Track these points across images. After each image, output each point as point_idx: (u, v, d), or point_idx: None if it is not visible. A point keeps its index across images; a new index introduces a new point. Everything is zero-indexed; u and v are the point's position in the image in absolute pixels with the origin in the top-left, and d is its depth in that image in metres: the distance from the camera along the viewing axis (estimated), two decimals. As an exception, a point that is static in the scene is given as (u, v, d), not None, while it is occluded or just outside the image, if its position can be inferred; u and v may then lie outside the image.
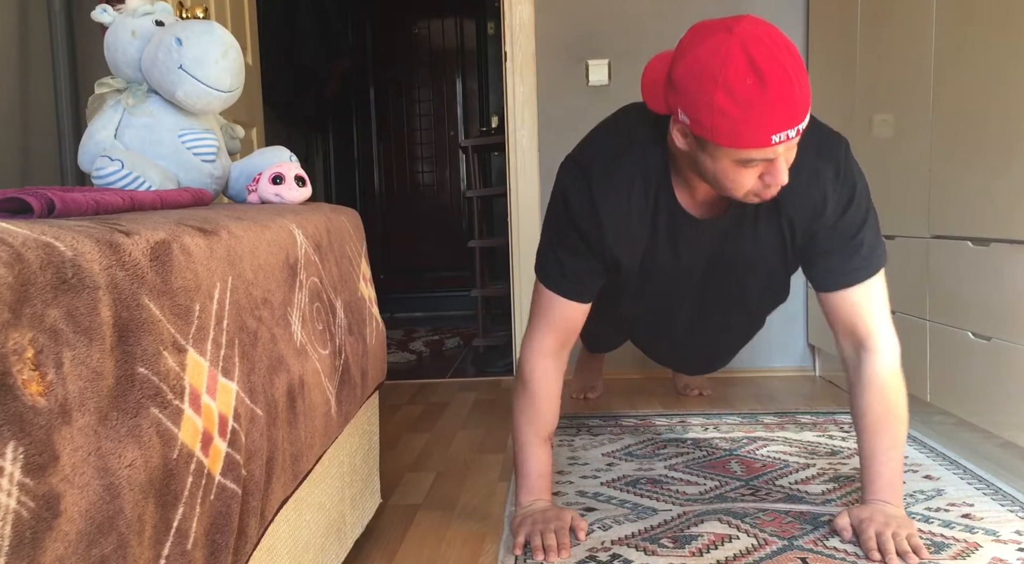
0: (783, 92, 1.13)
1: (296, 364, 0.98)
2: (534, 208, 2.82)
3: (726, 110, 1.15)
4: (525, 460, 1.50)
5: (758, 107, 1.14)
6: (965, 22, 1.78)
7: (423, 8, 5.14)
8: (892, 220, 2.13)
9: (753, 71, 1.13)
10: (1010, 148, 1.62)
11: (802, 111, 1.17)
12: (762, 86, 1.13)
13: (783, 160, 1.22)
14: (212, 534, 0.70)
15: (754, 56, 1.13)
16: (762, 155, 1.20)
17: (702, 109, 1.17)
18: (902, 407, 1.42)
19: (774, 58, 1.13)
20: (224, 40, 1.28)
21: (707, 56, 1.16)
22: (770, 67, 1.13)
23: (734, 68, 1.13)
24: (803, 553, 1.35)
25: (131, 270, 0.63)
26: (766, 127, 1.15)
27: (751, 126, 1.15)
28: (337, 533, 1.28)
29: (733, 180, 1.25)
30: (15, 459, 0.48)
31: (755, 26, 1.17)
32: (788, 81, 1.13)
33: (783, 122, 1.15)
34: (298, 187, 1.37)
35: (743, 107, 1.14)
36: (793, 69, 1.14)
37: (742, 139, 1.17)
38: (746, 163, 1.22)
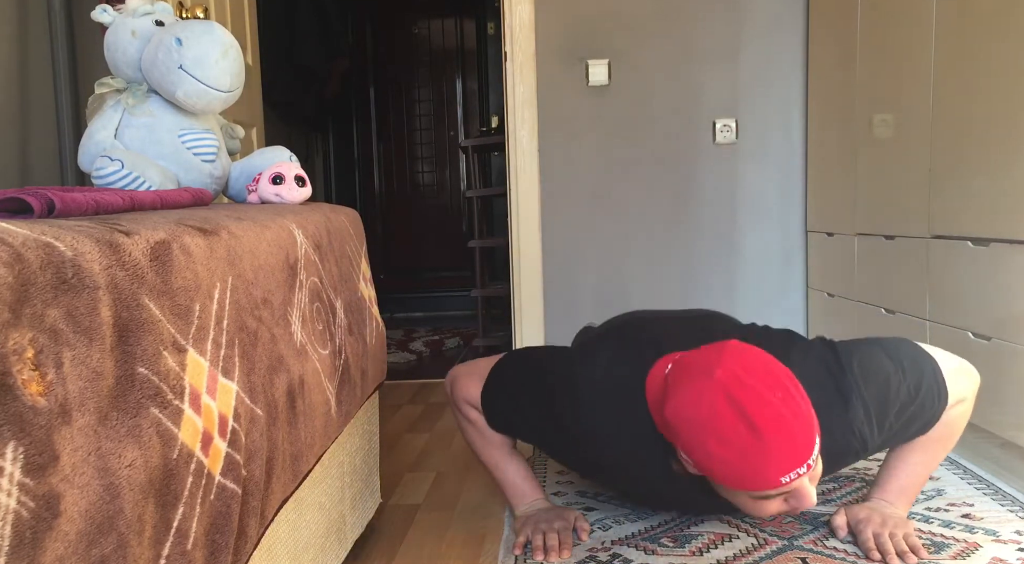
0: (780, 436, 1.06)
1: (296, 364, 0.98)
2: (534, 208, 2.82)
3: (725, 459, 1.08)
4: (504, 474, 1.49)
5: (757, 455, 1.06)
6: (965, 22, 1.78)
7: (423, 8, 5.14)
8: (892, 220, 2.13)
9: (743, 420, 1.06)
10: (1010, 148, 1.62)
11: (807, 447, 1.08)
12: (756, 435, 1.05)
13: (806, 482, 1.13)
14: (212, 534, 0.70)
15: (741, 403, 1.06)
16: (778, 491, 1.12)
17: (700, 457, 1.11)
18: (956, 438, 1.37)
19: (762, 401, 1.06)
20: (224, 40, 1.28)
21: (693, 404, 1.09)
22: (760, 413, 1.06)
23: (722, 419, 1.07)
24: (803, 553, 1.35)
25: (131, 270, 0.63)
26: (772, 471, 1.08)
27: (755, 472, 1.08)
28: (337, 533, 1.28)
29: (756, 510, 1.18)
30: (15, 459, 0.48)
31: (736, 364, 1.09)
32: (783, 422, 1.06)
33: (789, 464, 1.07)
34: (298, 187, 1.37)
35: (742, 456, 1.07)
36: (786, 406, 1.07)
37: (749, 484, 1.10)
38: (764, 498, 1.14)
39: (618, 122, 2.80)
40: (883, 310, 2.18)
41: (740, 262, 2.81)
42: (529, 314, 2.85)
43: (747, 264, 2.81)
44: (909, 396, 1.28)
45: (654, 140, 2.80)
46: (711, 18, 2.75)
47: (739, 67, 2.77)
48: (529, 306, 2.86)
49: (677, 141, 2.80)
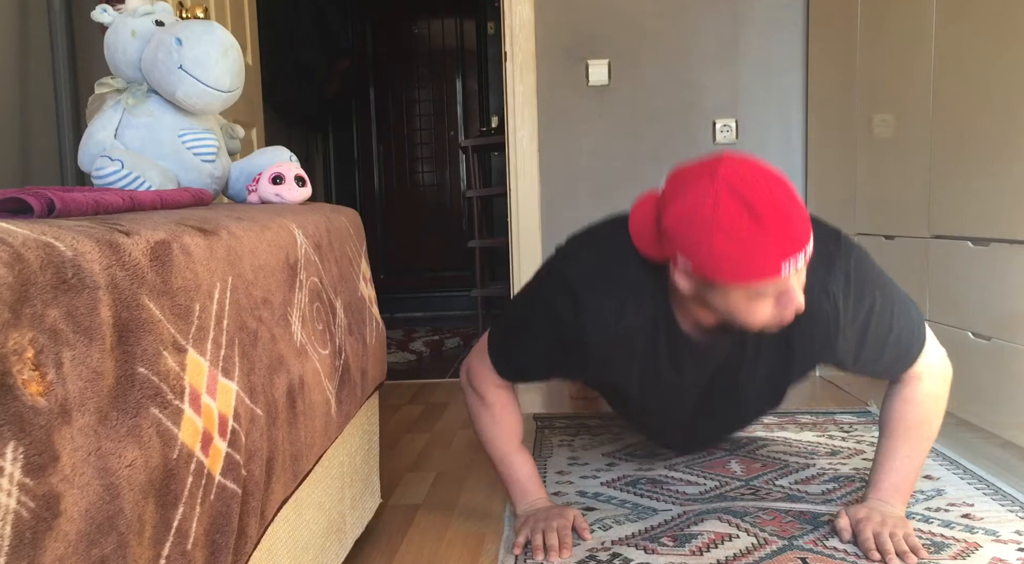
0: (782, 222, 1.13)
1: (296, 364, 0.98)
2: (534, 208, 2.82)
3: (728, 252, 1.14)
4: (509, 468, 1.50)
5: (760, 242, 1.13)
6: (965, 22, 1.78)
7: (423, 8, 5.14)
8: (892, 220, 2.13)
9: (747, 210, 1.12)
10: (1010, 148, 1.62)
11: (804, 235, 1.15)
12: (759, 222, 1.12)
13: (796, 284, 1.20)
14: (212, 534, 0.70)
15: (744, 195, 1.12)
16: (774, 286, 1.18)
17: (702, 255, 1.16)
18: (934, 428, 1.40)
19: (764, 192, 1.13)
20: (224, 40, 1.28)
21: (696, 204, 1.15)
22: (762, 202, 1.12)
23: (726, 211, 1.12)
24: (803, 553, 1.35)
25: (131, 270, 0.63)
26: (773, 258, 1.14)
27: (758, 261, 1.14)
28: (337, 533, 1.28)
29: (748, 314, 1.23)
30: (15, 459, 0.48)
31: (736, 165, 1.16)
32: (784, 211, 1.13)
33: (788, 249, 1.14)
34: (298, 187, 1.37)
35: (746, 246, 1.13)
36: (785, 198, 1.14)
37: (751, 274, 1.15)
38: (759, 296, 1.19)
39: (618, 122, 2.80)
40: (883, 310, 2.18)
41: (740, 262, 2.81)
42: (529, 314, 2.85)
43: (747, 264, 2.80)
44: (889, 312, 1.34)
45: (654, 140, 2.80)
46: (711, 18, 2.75)
47: (739, 67, 2.77)
48: (529, 306, 2.85)
49: (677, 141, 2.80)
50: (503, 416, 1.49)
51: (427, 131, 5.22)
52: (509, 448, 1.49)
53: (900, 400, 1.41)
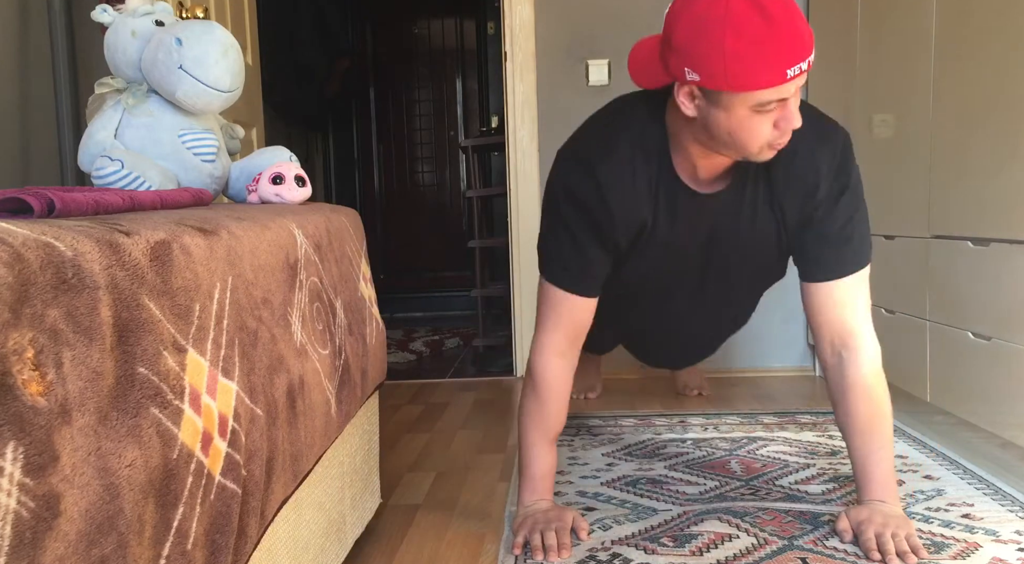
0: (790, 25, 1.17)
1: (296, 364, 0.98)
2: (534, 208, 2.82)
3: (740, 52, 1.17)
4: (531, 461, 1.50)
5: (770, 43, 1.16)
6: (965, 22, 1.78)
7: (423, 8, 5.14)
8: (892, 220, 2.13)
9: (758, 10, 1.16)
10: (1010, 148, 1.62)
11: (810, 41, 1.19)
12: (769, 23, 1.16)
13: (794, 101, 1.24)
14: (212, 534, 0.70)
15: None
16: (777, 94, 1.20)
17: (714, 59, 1.19)
18: (887, 406, 1.42)
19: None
20: (224, 40, 1.28)
21: (706, 8, 1.19)
22: (772, 4, 1.16)
23: (738, 11, 1.16)
24: (803, 553, 1.35)
25: (131, 270, 0.63)
26: (781, 62, 1.17)
27: (767, 63, 1.17)
28: (337, 533, 1.28)
29: (749, 130, 1.25)
30: (15, 459, 0.48)
31: None
32: (792, 14, 1.17)
33: (796, 54, 1.17)
34: (298, 187, 1.37)
35: (756, 46, 1.16)
36: (791, 4, 1.19)
37: (759, 78, 1.18)
38: (762, 108, 1.22)
39: (618, 122, 2.79)
40: (883, 310, 2.18)
41: (740, 262, 2.81)
42: (529, 314, 2.85)
43: (747, 264, 2.81)
44: (859, 200, 1.41)
45: (654, 140, 2.79)
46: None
47: (739, 67, 2.77)
48: (529, 306, 2.85)
49: (677, 141, 2.79)
50: (548, 406, 1.48)
51: (427, 131, 5.22)
52: (539, 439, 1.49)
53: (849, 391, 1.41)
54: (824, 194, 1.38)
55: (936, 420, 2.05)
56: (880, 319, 2.18)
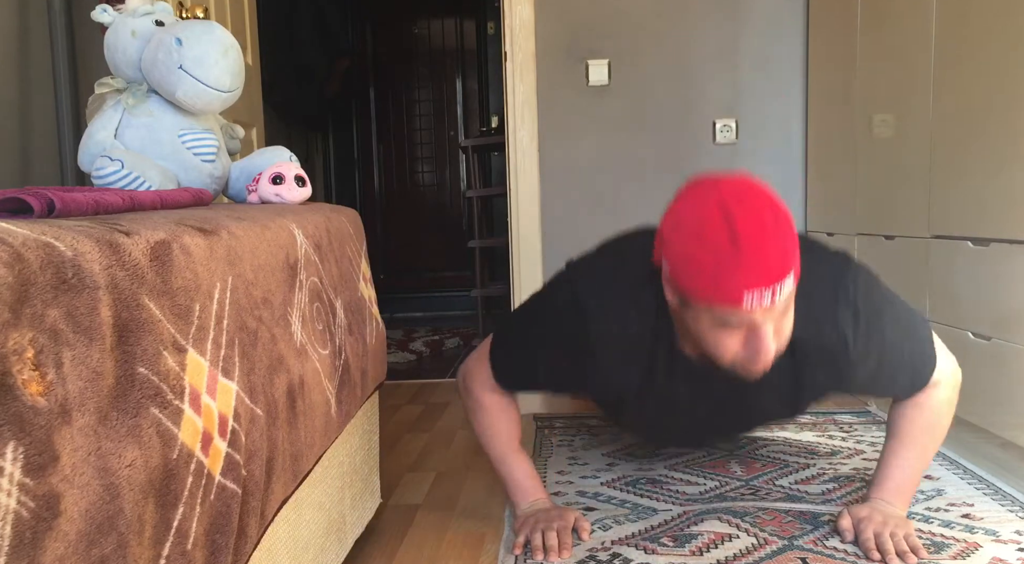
0: (755, 248, 1.08)
1: (296, 364, 0.98)
2: (534, 208, 2.82)
3: (701, 263, 1.11)
4: (509, 470, 1.50)
5: (729, 261, 1.08)
6: (965, 22, 1.78)
7: (423, 8, 5.14)
8: (892, 220, 2.13)
9: (727, 224, 1.09)
10: (1010, 148, 1.62)
11: (777, 271, 1.09)
12: (734, 240, 1.08)
13: (769, 330, 1.14)
14: (212, 534, 0.70)
15: (731, 210, 1.09)
16: (738, 318, 1.13)
17: (679, 261, 1.14)
18: (942, 433, 1.40)
19: (752, 213, 1.09)
20: (224, 40, 1.28)
21: (688, 208, 1.14)
22: (745, 222, 1.08)
23: (709, 220, 1.10)
24: (803, 553, 1.35)
25: (131, 270, 0.63)
26: (737, 283, 1.09)
27: (723, 281, 1.09)
28: (337, 533, 1.28)
29: (715, 344, 1.18)
30: (15, 459, 0.48)
31: (741, 183, 1.13)
32: (763, 238, 1.08)
33: (755, 280, 1.08)
34: (298, 187, 1.37)
35: (715, 261, 1.09)
36: (773, 228, 1.09)
37: (715, 295, 1.11)
38: (724, 324, 1.15)
39: (618, 122, 2.80)
40: (883, 310, 2.18)
41: (740, 262, 2.81)
42: (529, 314, 2.85)
43: (747, 264, 2.80)
44: (899, 336, 1.31)
45: (654, 140, 2.80)
46: (711, 18, 2.75)
47: (739, 67, 2.77)
48: (529, 306, 2.85)
49: (677, 141, 2.80)
50: (500, 418, 1.49)
51: (427, 131, 5.22)
52: (507, 449, 1.49)
53: (912, 405, 1.39)
54: (857, 351, 1.28)
55: (936, 420, 2.05)
56: (880, 319, 2.18)
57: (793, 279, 1.12)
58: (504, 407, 1.49)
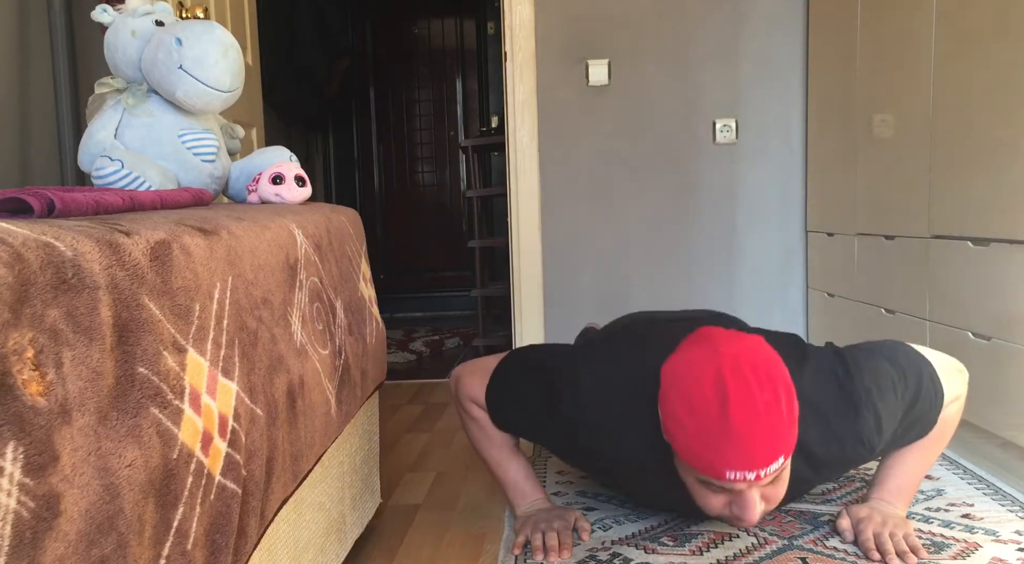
0: (744, 433, 1.04)
1: (296, 364, 0.98)
2: (534, 208, 2.82)
3: (686, 428, 1.08)
4: (506, 473, 1.49)
5: (714, 437, 1.06)
6: (965, 22, 1.78)
7: (423, 8, 5.14)
8: (892, 220, 2.14)
9: (719, 400, 1.05)
10: (1010, 148, 1.63)
11: (764, 459, 1.06)
12: (723, 420, 1.05)
13: (755, 496, 1.12)
14: (212, 534, 0.70)
15: (726, 386, 1.05)
16: (720, 485, 1.11)
17: (668, 416, 1.12)
18: (948, 437, 1.39)
19: (746, 393, 1.05)
20: (224, 40, 1.28)
21: (686, 366, 1.10)
22: (738, 402, 1.05)
23: (701, 390, 1.07)
24: (803, 552, 1.35)
25: (131, 270, 0.63)
26: (720, 461, 1.06)
27: (706, 454, 1.07)
28: (337, 533, 1.28)
29: (699, 497, 1.17)
30: (15, 459, 0.48)
31: (746, 353, 1.09)
32: (754, 423, 1.04)
33: (739, 462, 1.06)
34: (298, 187, 1.37)
35: (700, 432, 1.07)
36: (767, 408, 1.05)
37: (699, 465, 1.09)
38: (707, 485, 1.14)
39: (618, 122, 2.80)
40: (883, 310, 2.18)
41: (740, 262, 2.81)
42: (529, 314, 2.85)
43: (747, 264, 2.81)
44: (911, 402, 1.30)
45: (654, 140, 2.80)
46: (711, 18, 2.75)
47: (739, 67, 2.77)
48: (529, 306, 2.86)
49: (677, 141, 2.80)
50: (495, 432, 1.47)
51: (427, 131, 5.22)
52: (502, 452, 1.48)
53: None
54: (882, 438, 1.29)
55: (936, 420, 2.05)
56: (880, 319, 2.18)
57: (784, 460, 1.09)
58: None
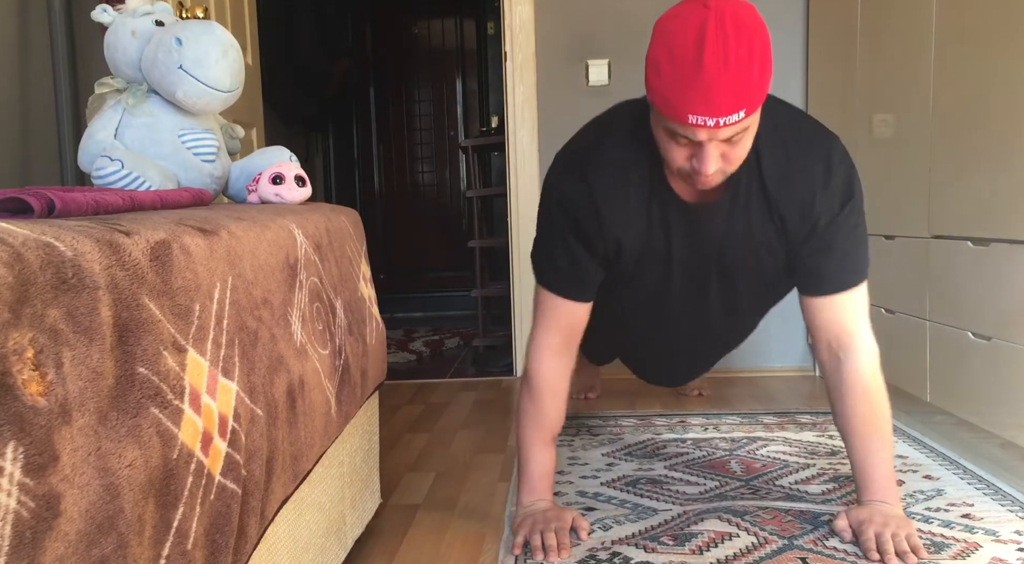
0: (711, 76, 1.13)
1: (296, 364, 0.98)
2: (534, 208, 2.81)
3: (661, 72, 1.17)
4: (528, 461, 1.49)
5: (683, 81, 1.14)
6: (965, 22, 1.78)
7: (423, 8, 5.14)
8: (892, 220, 2.13)
9: (697, 46, 1.13)
10: (1010, 148, 1.62)
11: (727, 104, 1.14)
12: (696, 63, 1.13)
13: (713, 150, 1.21)
14: (212, 534, 0.70)
15: (706, 33, 1.13)
16: (683, 131, 1.19)
17: (650, 64, 1.20)
18: (886, 407, 1.42)
19: (725, 41, 1.12)
20: (224, 40, 1.28)
21: (671, 18, 1.18)
22: (714, 49, 1.12)
23: (682, 36, 1.14)
24: (803, 552, 1.35)
25: (131, 270, 0.63)
26: (684, 103, 1.15)
27: (673, 96, 1.16)
28: (337, 533, 1.28)
29: (665, 150, 1.27)
30: (15, 459, 0.48)
31: (733, 7, 1.15)
32: (723, 68, 1.12)
33: (701, 106, 1.14)
34: (298, 187, 1.37)
35: (672, 76, 1.15)
36: (737, 61, 1.13)
37: (665, 106, 1.18)
38: (672, 135, 1.22)
39: (618, 122, 2.79)
40: (883, 310, 2.18)
41: (740, 262, 2.81)
42: (529, 314, 2.84)
43: (747, 264, 2.80)
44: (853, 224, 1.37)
45: (654, 140, 2.80)
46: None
47: (739, 67, 2.77)
48: (529, 306, 2.84)
49: (677, 141, 2.79)
50: (544, 405, 1.48)
51: (427, 131, 5.22)
52: (536, 440, 1.49)
53: (847, 393, 1.40)
54: (821, 208, 1.36)
55: (936, 420, 2.05)
56: (880, 319, 2.18)
57: (745, 116, 1.17)
58: (554, 388, 1.48)
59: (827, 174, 1.36)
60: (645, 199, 1.40)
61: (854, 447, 1.42)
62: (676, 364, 1.97)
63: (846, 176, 1.37)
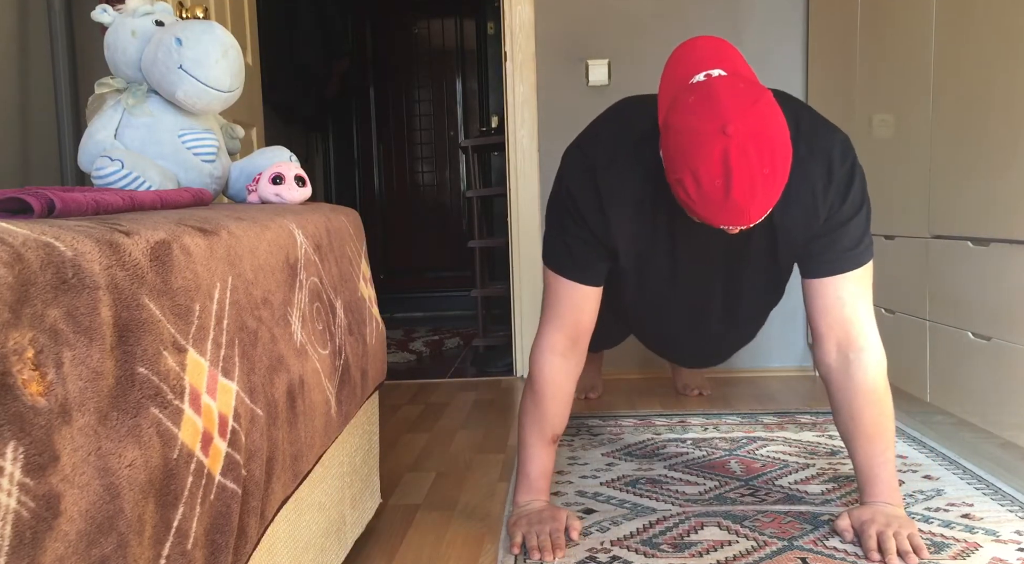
0: (743, 202, 1.19)
1: (296, 364, 0.98)
2: (534, 208, 2.82)
3: (689, 193, 1.22)
4: (527, 460, 1.50)
5: (715, 206, 1.21)
6: (965, 22, 1.78)
7: (423, 8, 5.14)
8: (892, 220, 2.13)
9: (724, 176, 1.17)
10: (1010, 148, 1.62)
11: (757, 215, 1.23)
12: (726, 192, 1.18)
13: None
14: (212, 534, 0.70)
15: (731, 164, 1.16)
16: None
17: (674, 180, 1.24)
18: (891, 409, 1.42)
19: (750, 170, 1.16)
20: (224, 40, 1.28)
21: (693, 136, 1.19)
22: (741, 179, 1.17)
23: (707, 166, 1.17)
24: (803, 553, 1.35)
25: (131, 270, 0.63)
26: (718, 220, 1.24)
27: (704, 214, 1.24)
28: (337, 533, 1.28)
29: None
30: (15, 459, 0.48)
31: (751, 131, 1.16)
32: (751, 194, 1.18)
33: (733, 220, 1.23)
34: (298, 187, 1.37)
35: (703, 200, 1.21)
36: (764, 179, 1.18)
37: (694, 214, 1.26)
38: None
39: (618, 122, 2.79)
40: (883, 310, 2.18)
41: (740, 262, 2.81)
42: (529, 314, 2.85)
43: (747, 264, 2.81)
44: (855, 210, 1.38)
45: (654, 140, 2.80)
46: (711, 18, 2.75)
47: (739, 67, 2.77)
48: (529, 306, 2.86)
49: (677, 141, 2.79)
50: (546, 406, 1.48)
51: (427, 131, 5.22)
52: (536, 440, 1.49)
53: (856, 395, 1.40)
54: (826, 209, 1.37)
55: (936, 420, 2.05)
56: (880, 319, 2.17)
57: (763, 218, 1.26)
58: (556, 389, 1.48)
59: (828, 175, 1.36)
60: (650, 209, 1.41)
61: (859, 447, 1.41)
62: (683, 352, 1.99)
63: (848, 171, 1.37)
